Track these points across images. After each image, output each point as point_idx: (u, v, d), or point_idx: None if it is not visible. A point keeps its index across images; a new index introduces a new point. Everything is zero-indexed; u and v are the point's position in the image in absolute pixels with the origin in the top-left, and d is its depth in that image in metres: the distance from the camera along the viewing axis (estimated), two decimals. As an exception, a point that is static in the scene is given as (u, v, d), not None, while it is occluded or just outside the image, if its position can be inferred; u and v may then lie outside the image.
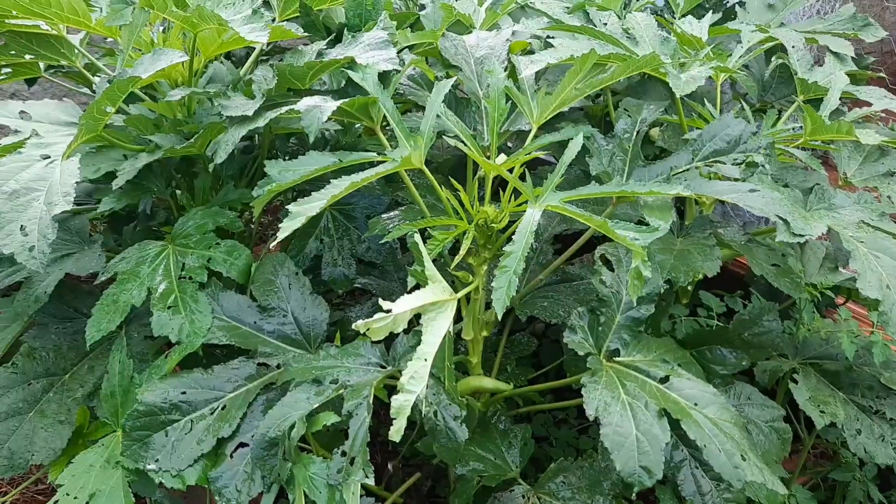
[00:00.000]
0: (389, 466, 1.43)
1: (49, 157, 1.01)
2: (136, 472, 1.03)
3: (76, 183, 0.97)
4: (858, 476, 1.41)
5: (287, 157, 1.13)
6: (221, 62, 1.47)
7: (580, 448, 1.59)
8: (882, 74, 1.61)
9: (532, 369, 1.53)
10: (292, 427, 0.94)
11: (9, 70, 1.38)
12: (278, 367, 1.10)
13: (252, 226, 1.60)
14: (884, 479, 1.47)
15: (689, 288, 1.44)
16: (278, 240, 0.90)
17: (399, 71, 1.15)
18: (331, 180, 0.97)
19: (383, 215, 1.23)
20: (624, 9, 1.60)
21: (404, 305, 0.91)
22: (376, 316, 0.88)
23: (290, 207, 0.93)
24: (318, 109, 1.02)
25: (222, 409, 1.04)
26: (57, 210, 0.94)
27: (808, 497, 1.32)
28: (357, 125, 1.29)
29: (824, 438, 1.51)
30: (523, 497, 1.15)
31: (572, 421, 1.73)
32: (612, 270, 1.05)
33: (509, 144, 1.46)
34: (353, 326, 0.87)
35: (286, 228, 0.90)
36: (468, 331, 1.17)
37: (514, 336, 1.48)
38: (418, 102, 1.34)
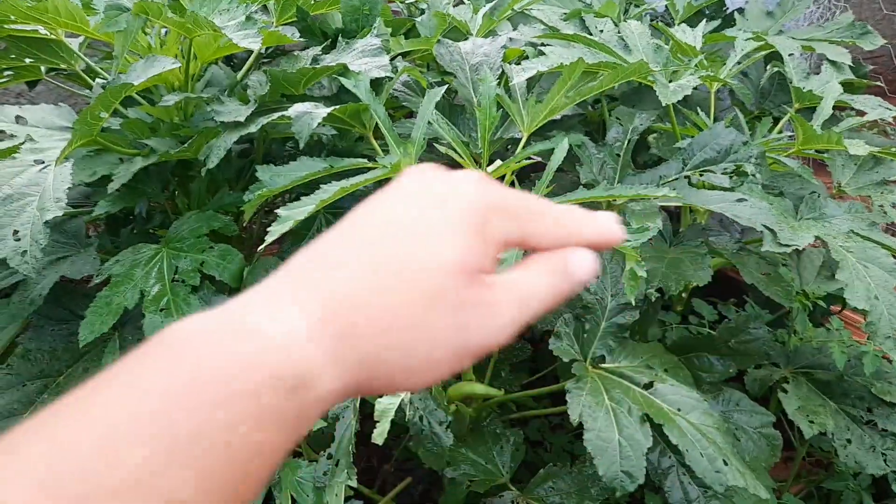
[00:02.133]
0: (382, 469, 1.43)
1: (43, 162, 1.02)
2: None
3: (69, 188, 0.98)
4: (852, 485, 1.41)
5: (282, 162, 1.15)
6: (220, 66, 1.49)
7: (574, 453, 1.59)
8: (879, 83, 1.61)
9: (527, 374, 1.54)
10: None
11: (10, 73, 1.40)
12: (268, 370, 1.11)
13: (254, 227, 1.61)
14: (879, 488, 1.46)
15: (684, 295, 1.45)
16: (266, 243, 0.91)
17: (391, 78, 1.15)
18: (321, 185, 0.98)
19: (376, 220, 1.24)
20: (624, 14, 1.60)
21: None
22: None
23: (280, 211, 0.94)
24: (308, 116, 1.03)
25: (212, 411, 1.05)
26: (49, 216, 0.95)
27: (799, 505, 1.32)
28: (354, 130, 1.30)
29: (818, 447, 1.50)
30: (513, 502, 1.16)
31: (568, 426, 1.74)
32: (598, 277, 1.05)
33: (508, 149, 1.47)
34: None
35: (275, 232, 0.91)
36: (459, 336, 1.17)
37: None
38: (413, 109, 1.34)
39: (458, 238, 0.35)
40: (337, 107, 1.06)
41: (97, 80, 1.37)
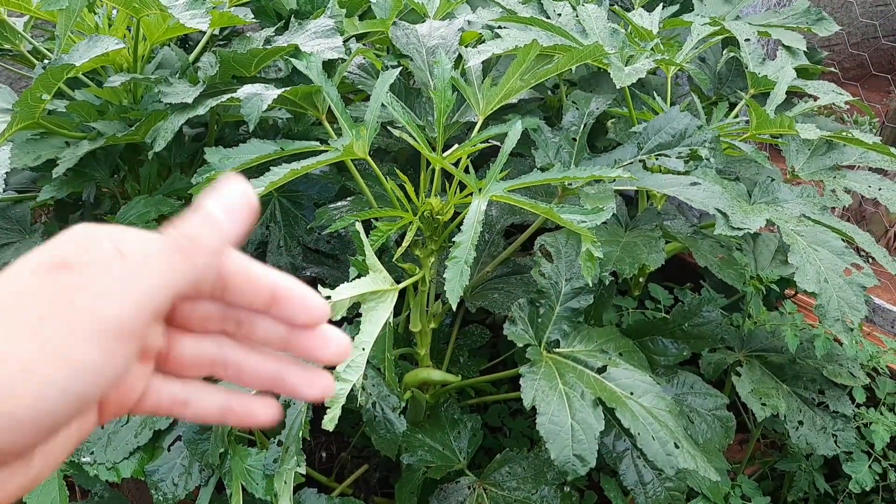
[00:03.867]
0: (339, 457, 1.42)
1: (-20, 143, 0.98)
2: (75, 466, 1.01)
3: (8, 172, 0.95)
4: (804, 466, 1.43)
5: (236, 145, 1.12)
6: (173, 48, 1.45)
7: (533, 438, 1.60)
8: (833, 69, 1.63)
9: (486, 360, 1.53)
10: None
11: (-50, 54, 1.35)
12: (220, 357, 1.09)
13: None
14: (831, 468, 1.49)
15: (641, 280, 1.45)
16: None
17: (345, 60, 1.13)
18: (271, 168, 0.96)
19: (331, 205, 1.22)
20: (583, -1, 1.60)
21: (344, 293, 0.90)
22: (314, 303, 0.87)
23: (228, 196, 0.92)
24: (258, 97, 1.00)
25: (160, 400, 1.03)
26: (-14, 199, 0.92)
27: (752, 487, 1.34)
28: (309, 114, 1.28)
29: (772, 429, 1.52)
30: (469, 488, 1.16)
31: (527, 411, 1.74)
32: (552, 261, 1.05)
33: (466, 133, 1.46)
34: (291, 314, 0.86)
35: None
36: (416, 322, 1.16)
37: (468, 328, 1.48)
38: (369, 92, 1.32)
39: None
40: (288, 88, 1.04)
41: (43, 61, 1.32)
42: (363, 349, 0.87)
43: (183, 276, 0.35)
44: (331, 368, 0.94)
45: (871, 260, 1.73)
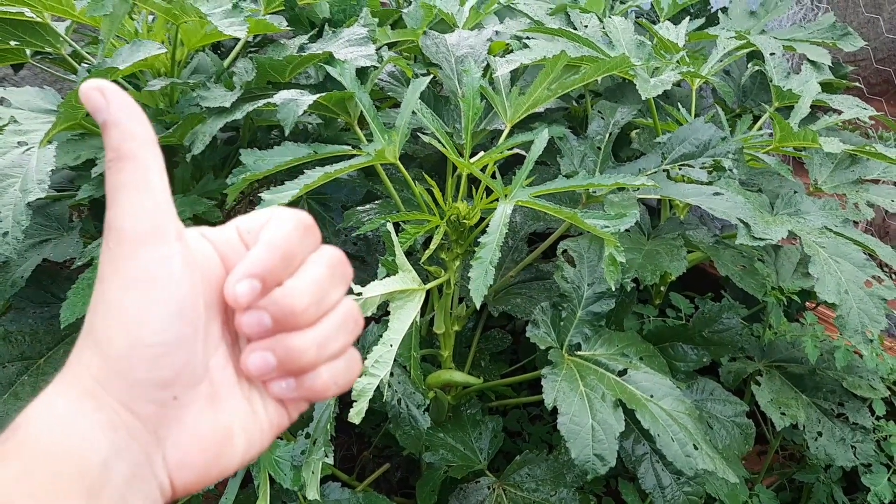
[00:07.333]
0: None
1: (26, 144, 1.02)
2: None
3: (52, 171, 0.99)
4: (823, 478, 1.43)
5: (267, 149, 1.16)
6: (207, 54, 1.49)
7: (552, 443, 1.61)
8: (858, 84, 1.64)
9: (507, 365, 1.55)
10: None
11: (-5, 55, 1.40)
12: (249, 354, 1.12)
13: (238, 215, 1.61)
14: (850, 481, 1.49)
15: (662, 289, 1.47)
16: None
17: (377, 67, 1.17)
18: (305, 171, 0.99)
19: (359, 207, 1.25)
20: (609, 11, 1.62)
21: (374, 290, 0.93)
22: (347, 298, 0.89)
23: (263, 195, 0.95)
24: (294, 103, 1.04)
25: (192, 393, 1.06)
26: (31, 197, 0.95)
27: (770, 497, 1.35)
28: (339, 119, 1.31)
29: (791, 440, 1.53)
30: (489, 488, 1.18)
31: (547, 417, 1.76)
32: (575, 266, 1.07)
33: (492, 141, 1.48)
34: (324, 309, 0.89)
35: (257, 217, 0.92)
36: (440, 325, 1.19)
37: (489, 332, 1.50)
38: (398, 99, 1.36)
39: None
40: (322, 94, 1.07)
41: (83, 64, 1.37)
42: (391, 346, 0.90)
43: None
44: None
45: (894, 276, 1.73)
